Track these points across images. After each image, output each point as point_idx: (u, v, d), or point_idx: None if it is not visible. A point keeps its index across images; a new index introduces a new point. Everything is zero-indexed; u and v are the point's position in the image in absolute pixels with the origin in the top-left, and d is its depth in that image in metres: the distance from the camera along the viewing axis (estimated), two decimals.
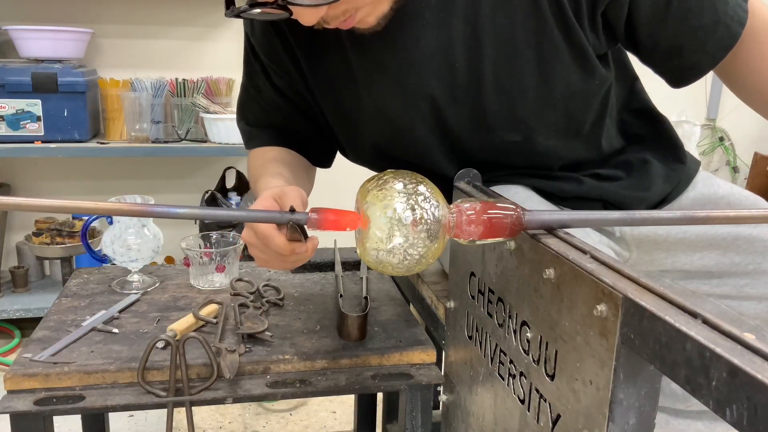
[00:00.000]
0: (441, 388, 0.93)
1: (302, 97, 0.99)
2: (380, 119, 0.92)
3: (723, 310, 0.92)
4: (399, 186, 0.63)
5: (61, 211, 0.63)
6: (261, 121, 1.05)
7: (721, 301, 0.93)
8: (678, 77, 0.90)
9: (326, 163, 1.09)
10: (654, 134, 1.03)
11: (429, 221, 0.61)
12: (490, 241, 0.64)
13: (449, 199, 0.73)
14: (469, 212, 0.63)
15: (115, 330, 0.93)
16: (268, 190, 0.76)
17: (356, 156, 1.03)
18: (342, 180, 2.47)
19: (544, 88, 0.87)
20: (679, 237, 0.94)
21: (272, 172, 0.91)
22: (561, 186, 0.96)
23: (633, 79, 1.03)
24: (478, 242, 0.64)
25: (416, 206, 0.61)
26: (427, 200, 0.62)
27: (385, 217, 0.61)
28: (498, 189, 0.92)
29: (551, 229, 0.64)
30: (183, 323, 0.92)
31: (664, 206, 1.00)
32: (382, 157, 0.98)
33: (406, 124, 0.91)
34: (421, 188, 0.63)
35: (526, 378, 0.65)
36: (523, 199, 0.91)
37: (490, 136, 0.91)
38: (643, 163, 0.99)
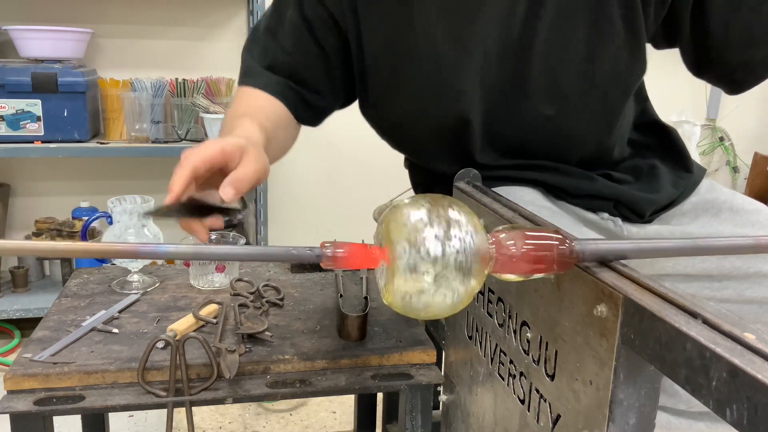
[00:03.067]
0: (441, 388, 0.93)
1: (334, 31, 0.93)
2: (430, 65, 0.90)
3: (723, 313, 0.92)
4: (427, 214, 0.53)
5: (32, 254, 0.59)
6: (267, 58, 0.96)
7: (721, 305, 0.93)
8: (747, 73, 0.89)
9: (317, 122, 1.03)
10: (662, 144, 1.06)
11: (464, 255, 0.52)
12: (535, 277, 0.55)
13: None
14: (509, 243, 0.53)
15: (115, 330, 0.93)
16: (243, 137, 0.71)
17: (385, 111, 0.98)
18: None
19: (589, 63, 0.87)
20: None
21: (258, 121, 0.83)
22: (576, 183, 0.97)
23: (644, 100, 1.06)
24: (522, 278, 0.55)
25: (449, 238, 0.52)
26: (462, 230, 0.53)
27: (411, 251, 0.52)
28: (503, 190, 0.93)
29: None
30: (183, 323, 0.92)
31: (670, 210, 1.02)
32: (414, 114, 0.94)
33: (454, 74, 0.89)
34: (454, 214, 0.53)
35: (526, 378, 0.65)
36: (528, 202, 0.91)
37: (525, 104, 0.91)
38: (652, 169, 1.02)
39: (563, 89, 0.89)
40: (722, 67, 0.91)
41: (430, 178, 1.08)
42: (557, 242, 0.54)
